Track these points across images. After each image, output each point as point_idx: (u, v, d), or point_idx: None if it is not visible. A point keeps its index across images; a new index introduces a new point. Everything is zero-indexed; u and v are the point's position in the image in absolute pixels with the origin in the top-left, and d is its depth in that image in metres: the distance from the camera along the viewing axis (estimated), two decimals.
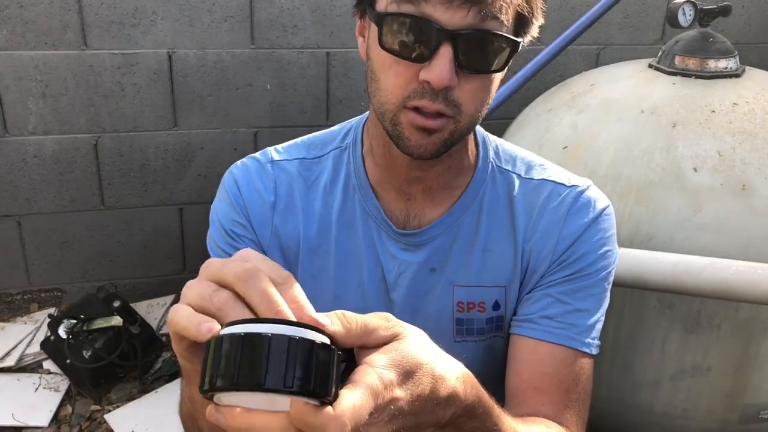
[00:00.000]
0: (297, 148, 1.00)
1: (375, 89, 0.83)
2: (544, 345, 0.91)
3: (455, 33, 0.75)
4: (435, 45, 0.75)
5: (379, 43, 0.79)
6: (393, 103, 0.80)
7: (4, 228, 2.43)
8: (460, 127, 0.81)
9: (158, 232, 2.58)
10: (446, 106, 0.78)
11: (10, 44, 2.23)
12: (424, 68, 0.77)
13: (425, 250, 0.94)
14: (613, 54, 2.70)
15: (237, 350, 0.47)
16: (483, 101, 0.83)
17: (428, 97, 0.78)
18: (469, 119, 0.82)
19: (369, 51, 0.84)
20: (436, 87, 0.76)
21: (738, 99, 1.61)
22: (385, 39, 0.78)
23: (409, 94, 0.78)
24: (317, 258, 0.96)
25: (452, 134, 0.81)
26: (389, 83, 0.80)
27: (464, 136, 0.84)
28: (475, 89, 0.80)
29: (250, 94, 2.47)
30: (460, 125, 0.81)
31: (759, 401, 1.57)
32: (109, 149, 2.42)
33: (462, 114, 0.80)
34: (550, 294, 0.92)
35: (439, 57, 0.75)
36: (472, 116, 0.82)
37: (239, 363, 0.47)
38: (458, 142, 0.84)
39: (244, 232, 0.96)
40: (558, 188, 0.95)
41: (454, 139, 0.82)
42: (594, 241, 0.93)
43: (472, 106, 0.81)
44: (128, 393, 2.24)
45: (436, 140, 0.81)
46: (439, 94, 0.77)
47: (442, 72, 0.75)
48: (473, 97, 0.80)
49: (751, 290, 1.33)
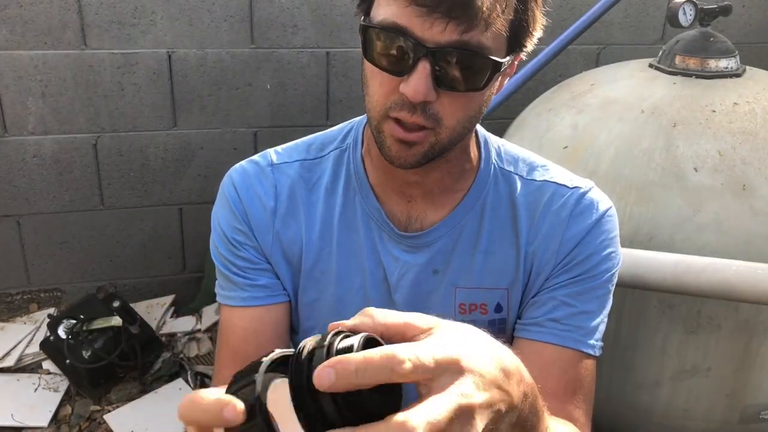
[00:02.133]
0: (297, 149, 1.00)
1: (365, 94, 0.83)
2: (550, 347, 0.91)
3: (433, 50, 0.74)
4: (413, 60, 0.75)
5: (363, 54, 0.79)
6: (377, 111, 0.80)
7: (3, 228, 2.43)
8: (441, 140, 0.81)
9: (158, 232, 2.58)
10: (425, 119, 0.78)
11: (10, 44, 2.23)
12: (403, 81, 0.77)
13: (427, 251, 0.94)
14: (613, 54, 2.70)
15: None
16: (466, 115, 0.82)
17: (407, 109, 0.78)
18: (450, 132, 0.81)
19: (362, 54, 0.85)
20: (413, 101, 0.76)
21: (738, 99, 1.61)
22: (368, 50, 0.78)
23: (391, 104, 0.79)
24: (320, 260, 0.96)
25: (433, 146, 0.81)
26: (374, 91, 0.80)
27: (447, 148, 0.83)
28: (456, 104, 0.79)
29: (250, 94, 2.47)
30: (441, 137, 0.81)
31: (759, 401, 1.56)
32: (108, 149, 2.42)
33: (442, 127, 0.80)
34: (556, 297, 0.92)
35: (416, 72, 0.75)
36: (454, 129, 0.81)
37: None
38: (442, 153, 0.84)
39: (246, 239, 0.95)
40: (560, 190, 0.95)
41: (435, 151, 0.82)
42: (598, 243, 0.92)
43: (453, 119, 0.80)
44: (128, 393, 2.24)
45: (417, 152, 0.81)
46: (417, 107, 0.77)
47: (418, 86, 0.75)
48: (455, 110, 0.80)
49: (751, 290, 1.32)
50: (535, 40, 0.82)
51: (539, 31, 0.82)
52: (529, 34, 0.80)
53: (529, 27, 0.80)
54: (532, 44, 0.82)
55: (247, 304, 0.96)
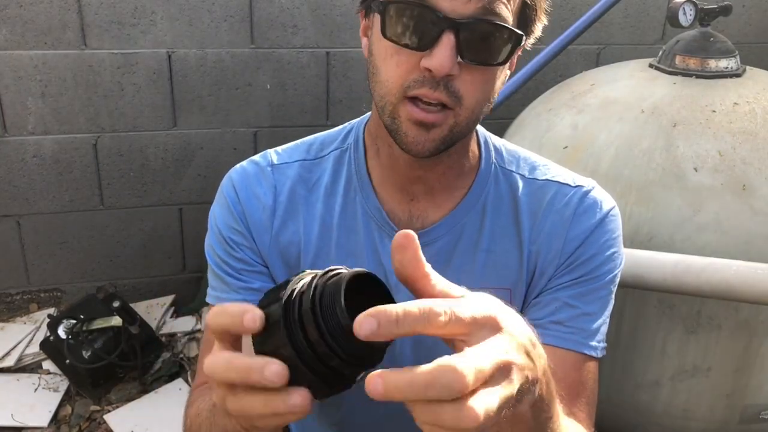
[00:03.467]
0: (297, 149, 1.00)
1: (375, 83, 0.82)
2: (553, 350, 0.90)
3: (457, 21, 0.75)
4: (437, 33, 0.75)
5: (382, 32, 0.78)
6: (393, 94, 0.80)
7: (3, 228, 2.43)
8: (460, 122, 0.80)
9: (158, 232, 2.58)
10: (447, 96, 0.78)
11: (10, 44, 2.23)
12: (425, 56, 0.76)
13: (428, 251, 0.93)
14: (613, 54, 2.70)
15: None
16: (485, 95, 0.82)
17: (429, 85, 0.77)
18: (469, 113, 0.81)
19: (371, 46, 0.84)
20: (437, 75, 0.76)
21: (738, 99, 1.61)
22: (388, 27, 0.77)
23: (410, 83, 0.78)
24: (318, 261, 0.95)
25: (452, 129, 0.81)
26: (390, 73, 0.79)
27: (464, 133, 0.83)
28: (476, 81, 0.79)
29: (250, 94, 2.47)
30: (460, 119, 0.80)
31: (759, 401, 1.56)
32: (108, 149, 2.42)
33: (462, 107, 0.79)
34: (559, 298, 0.92)
35: (440, 45, 0.75)
36: (473, 110, 0.81)
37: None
38: (458, 139, 0.83)
39: (242, 240, 0.95)
40: (563, 189, 0.94)
41: (453, 135, 0.81)
42: (601, 243, 0.92)
43: (473, 98, 0.80)
44: (128, 393, 2.24)
45: (435, 136, 0.80)
46: (440, 83, 0.77)
47: (443, 59, 0.75)
48: (475, 88, 0.79)
49: (751, 290, 1.32)
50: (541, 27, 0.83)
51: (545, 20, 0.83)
52: (538, 16, 0.82)
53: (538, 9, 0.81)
54: (539, 30, 0.83)
55: None
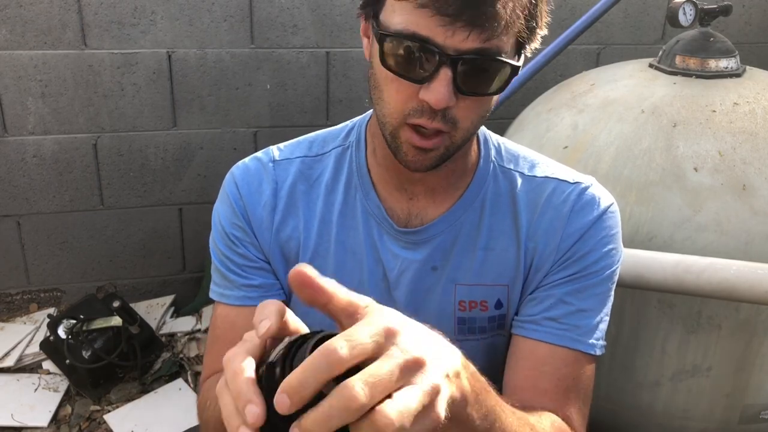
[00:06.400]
0: (299, 146, 1.00)
1: (378, 98, 0.83)
2: (545, 346, 0.91)
3: (455, 57, 0.75)
4: (434, 68, 0.76)
5: (381, 62, 0.79)
6: (395, 119, 0.81)
7: (3, 228, 2.43)
8: (456, 141, 0.83)
9: (158, 232, 2.58)
10: (444, 124, 0.80)
11: (10, 44, 2.23)
12: (424, 88, 0.77)
13: (426, 248, 0.94)
14: (613, 54, 2.70)
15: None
16: (481, 116, 0.84)
17: (427, 115, 0.79)
18: (464, 133, 0.83)
19: (372, 58, 0.84)
20: (435, 108, 0.77)
21: (739, 99, 1.61)
22: (387, 58, 0.78)
23: (409, 111, 0.80)
24: (317, 257, 0.96)
25: (448, 149, 0.83)
26: (391, 98, 0.81)
27: (460, 148, 0.85)
28: (472, 107, 0.81)
29: (250, 94, 2.47)
30: (456, 139, 0.83)
31: (759, 401, 1.56)
32: (108, 149, 2.42)
33: (458, 129, 0.81)
34: (554, 294, 0.92)
35: (438, 80, 0.76)
36: (468, 130, 0.83)
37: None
38: (454, 153, 0.85)
39: (244, 235, 0.96)
40: (561, 185, 0.95)
41: (449, 152, 0.84)
42: (598, 239, 0.92)
43: (468, 121, 0.82)
44: (128, 393, 2.24)
45: (433, 156, 0.83)
46: (438, 113, 0.79)
47: (440, 94, 0.76)
48: (471, 113, 0.82)
49: (752, 290, 1.32)
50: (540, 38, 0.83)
51: (545, 29, 0.83)
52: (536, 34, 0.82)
53: (538, 27, 0.81)
54: (538, 42, 0.83)
55: (241, 303, 0.97)
